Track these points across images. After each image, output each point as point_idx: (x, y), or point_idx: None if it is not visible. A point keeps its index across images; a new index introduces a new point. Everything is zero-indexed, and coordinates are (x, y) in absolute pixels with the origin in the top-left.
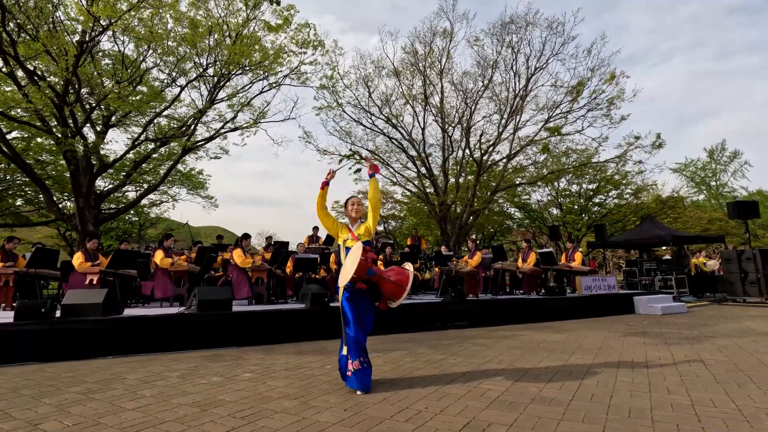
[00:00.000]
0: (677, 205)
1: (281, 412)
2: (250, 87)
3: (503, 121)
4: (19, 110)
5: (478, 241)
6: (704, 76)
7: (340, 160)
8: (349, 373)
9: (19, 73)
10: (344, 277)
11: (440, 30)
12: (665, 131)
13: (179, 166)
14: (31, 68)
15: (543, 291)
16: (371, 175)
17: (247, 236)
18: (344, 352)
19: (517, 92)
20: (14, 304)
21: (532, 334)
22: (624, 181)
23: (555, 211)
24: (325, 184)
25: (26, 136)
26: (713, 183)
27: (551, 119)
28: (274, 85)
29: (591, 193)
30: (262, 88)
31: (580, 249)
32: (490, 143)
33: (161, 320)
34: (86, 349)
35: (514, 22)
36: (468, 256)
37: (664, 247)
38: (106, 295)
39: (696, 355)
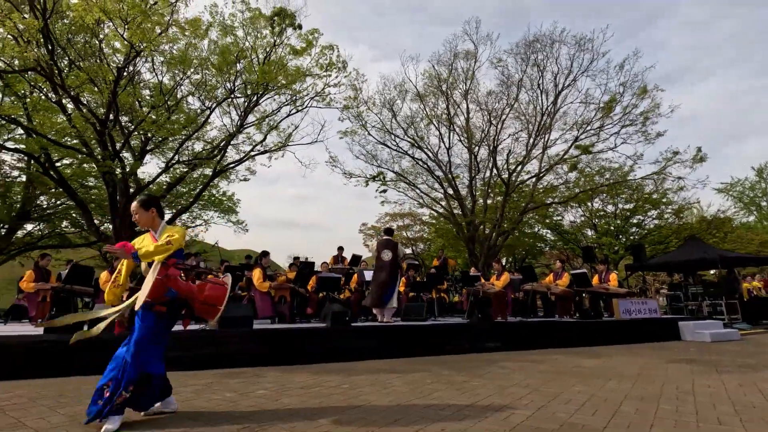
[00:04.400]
0: (725, 226)
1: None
2: (278, 111)
3: (531, 139)
4: (67, 138)
5: (506, 263)
6: (749, 93)
7: (366, 183)
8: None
9: (69, 106)
10: (138, 300)
11: (462, 52)
12: (708, 150)
13: (213, 190)
14: (74, 95)
15: (577, 314)
16: (134, 255)
17: (265, 254)
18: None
19: (544, 110)
20: None
21: (565, 359)
22: (663, 200)
23: (589, 233)
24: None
25: (73, 162)
26: (764, 203)
27: (582, 137)
28: (300, 108)
29: (628, 213)
30: (289, 111)
31: (615, 270)
32: (518, 162)
33: (181, 336)
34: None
35: (539, 40)
36: (495, 277)
37: (711, 271)
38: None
39: (752, 384)
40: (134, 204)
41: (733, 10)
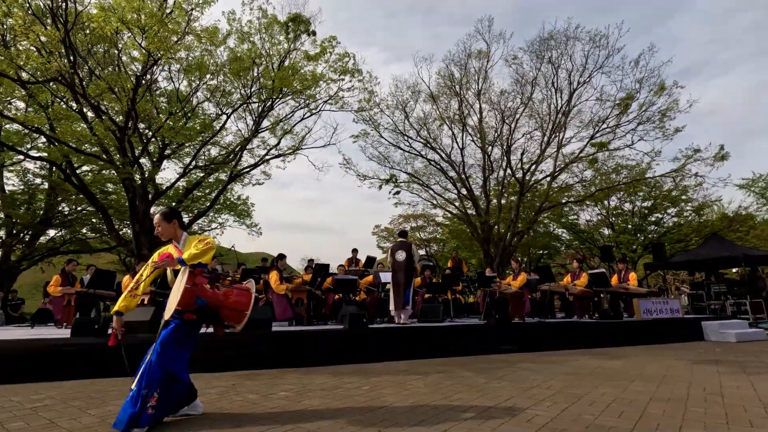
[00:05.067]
0: (747, 223)
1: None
2: (291, 115)
3: (545, 138)
4: (87, 145)
5: (523, 263)
6: None
7: (380, 186)
8: (150, 410)
9: (90, 114)
10: (168, 309)
11: (475, 51)
12: (728, 144)
13: (228, 194)
14: (95, 104)
15: (596, 315)
16: (179, 260)
17: (282, 256)
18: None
19: (559, 108)
20: None
21: (586, 360)
22: (683, 197)
23: (606, 232)
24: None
25: (93, 169)
26: None
27: (597, 134)
28: (314, 111)
29: (646, 211)
30: (303, 115)
31: (634, 270)
32: (533, 162)
33: (201, 339)
34: (134, 365)
35: (554, 37)
36: (512, 277)
37: (734, 269)
38: (153, 312)
39: None
40: (157, 216)
41: (752, 2)
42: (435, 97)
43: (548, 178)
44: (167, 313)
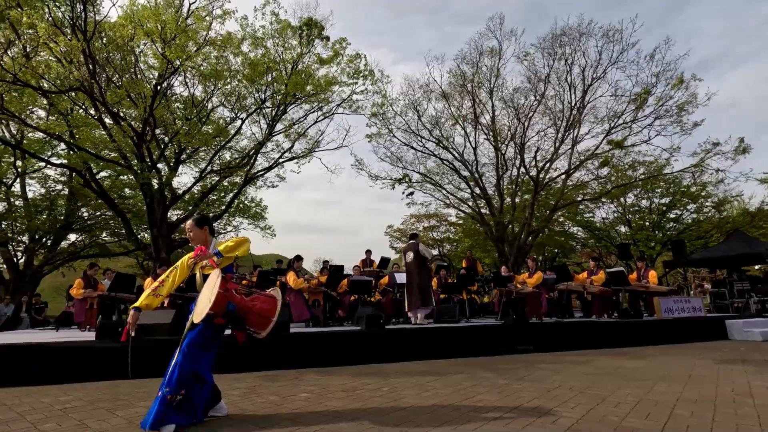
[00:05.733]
0: None
1: None
2: (305, 118)
3: (559, 135)
4: (106, 151)
5: (538, 262)
6: None
7: (392, 185)
8: (177, 411)
9: (108, 121)
10: (198, 312)
11: (487, 49)
12: (749, 138)
13: (241, 197)
14: (115, 111)
15: (615, 314)
16: (216, 252)
17: (299, 258)
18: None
19: (573, 105)
20: None
21: (607, 360)
22: (703, 193)
23: (623, 229)
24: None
25: (111, 174)
26: None
27: (613, 130)
28: (327, 114)
29: (664, 208)
30: (317, 118)
31: (653, 268)
32: (547, 159)
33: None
34: (157, 367)
35: (566, 34)
36: (527, 274)
37: (756, 266)
38: (174, 315)
39: None
40: (189, 222)
41: None
42: (447, 96)
43: (563, 176)
44: (198, 317)
